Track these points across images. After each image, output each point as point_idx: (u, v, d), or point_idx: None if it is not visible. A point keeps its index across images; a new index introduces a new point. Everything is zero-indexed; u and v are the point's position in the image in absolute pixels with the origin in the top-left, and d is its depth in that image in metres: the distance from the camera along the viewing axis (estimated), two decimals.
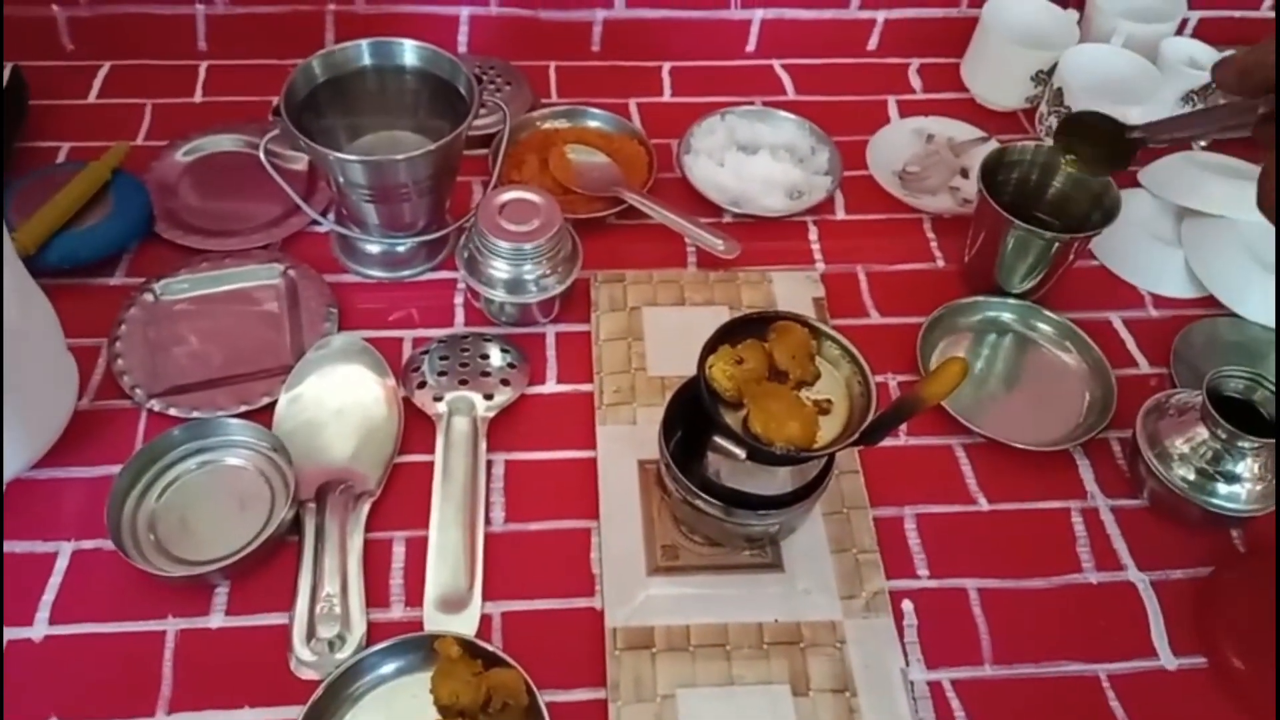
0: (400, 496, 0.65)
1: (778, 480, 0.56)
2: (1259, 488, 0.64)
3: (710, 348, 0.54)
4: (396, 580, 0.61)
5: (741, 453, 0.52)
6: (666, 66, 0.99)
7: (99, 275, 0.76)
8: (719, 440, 0.54)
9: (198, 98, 0.92)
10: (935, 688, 0.59)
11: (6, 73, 0.84)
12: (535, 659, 0.55)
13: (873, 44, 1.02)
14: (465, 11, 0.96)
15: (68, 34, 0.93)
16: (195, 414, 0.66)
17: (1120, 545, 0.66)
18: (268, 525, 0.61)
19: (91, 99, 0.91)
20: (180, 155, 0.84)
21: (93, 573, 0.60)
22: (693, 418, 0.57)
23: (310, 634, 0.58)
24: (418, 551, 0.62)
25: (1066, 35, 0.94)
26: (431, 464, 0.66)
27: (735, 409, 0.53)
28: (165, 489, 0.63)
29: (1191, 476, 0.64)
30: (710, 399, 0.53)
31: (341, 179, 0.71)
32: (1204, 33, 1.00)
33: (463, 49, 0.97)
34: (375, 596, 0.60)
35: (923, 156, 0.90)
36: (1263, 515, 0.64)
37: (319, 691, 0.54)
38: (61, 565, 0.61)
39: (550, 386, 0.72)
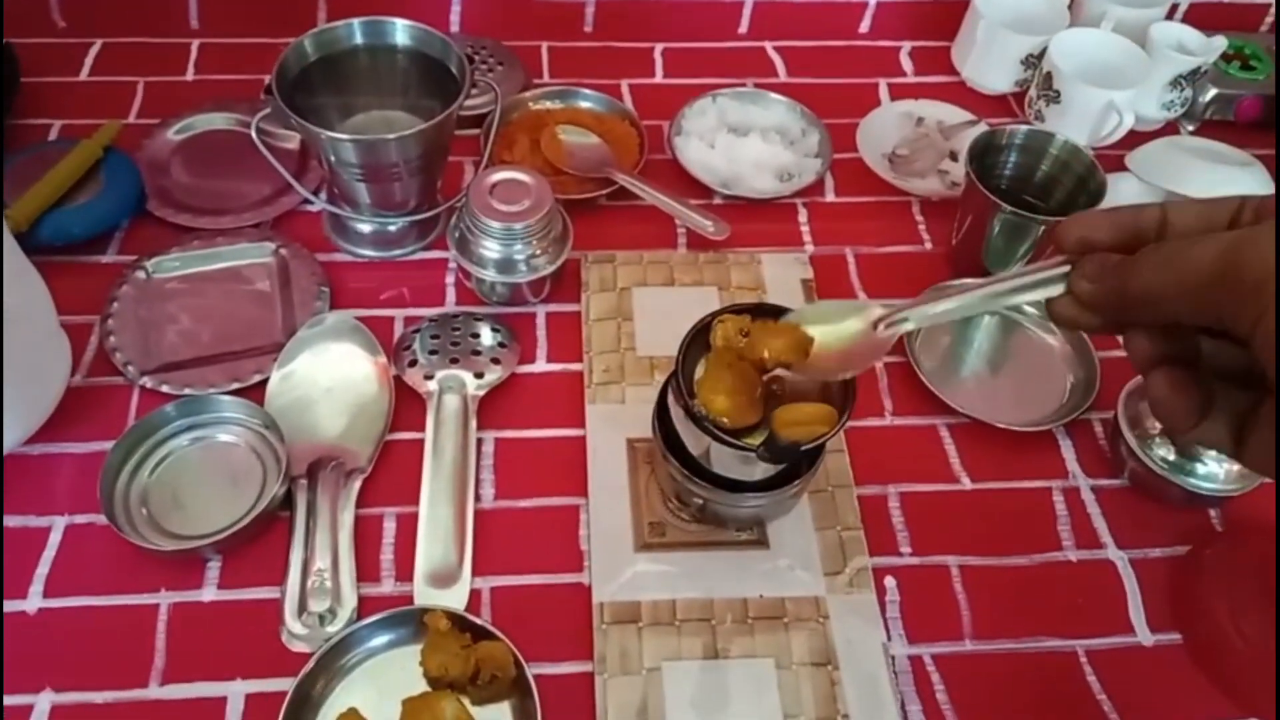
0: (391, 473, 0.65)
1: (762, 465, 0.56)
2: (1236, 468, 0.65)
3: (734, 310, 0.54)
4: (387, 555, 0.62)
5: (681, 404, 0.53)
6: (658, 48, 0.99)
7: (91, 253, 0.76)
8: (673, 384, 0.54)
9: (189, 76, 0.91)
10: (916, 662, 0.60)
11: None
12: (524, 633, 0.57)
13: (864, 27, 1.03)
14: None
15: (59, 11, 0.92)
16: (187, 391, 0.67)
17: (1100, 524, 0.67)
18: (259, 501, 0.62)
19: (83, 76, 0.90)
20: (172, 133, 0.84)
21: (86, 547, 0.61)
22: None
23: (302, 608, 0.59)
24: (408, 527, 0.63)
25: (1057, 19, 0.95)
26: (422, 441, 0.66)
27: None
28: (158, 465, 0.64)
29: (1171, 457, 0.65)
30: (690, 342, 0.53)
31: (333, 158, 0.71)
32: (1193, 18, 1.00)
33: (455, 28, 0.97)
34: (366, 571, 0.61)
35: (912, 140, 0.90)
36: (1239, 495, 0.65)
37: (310, 664, 0.55)
38: (55, 539, 0.61)
39: (540, 365, 0.72)
